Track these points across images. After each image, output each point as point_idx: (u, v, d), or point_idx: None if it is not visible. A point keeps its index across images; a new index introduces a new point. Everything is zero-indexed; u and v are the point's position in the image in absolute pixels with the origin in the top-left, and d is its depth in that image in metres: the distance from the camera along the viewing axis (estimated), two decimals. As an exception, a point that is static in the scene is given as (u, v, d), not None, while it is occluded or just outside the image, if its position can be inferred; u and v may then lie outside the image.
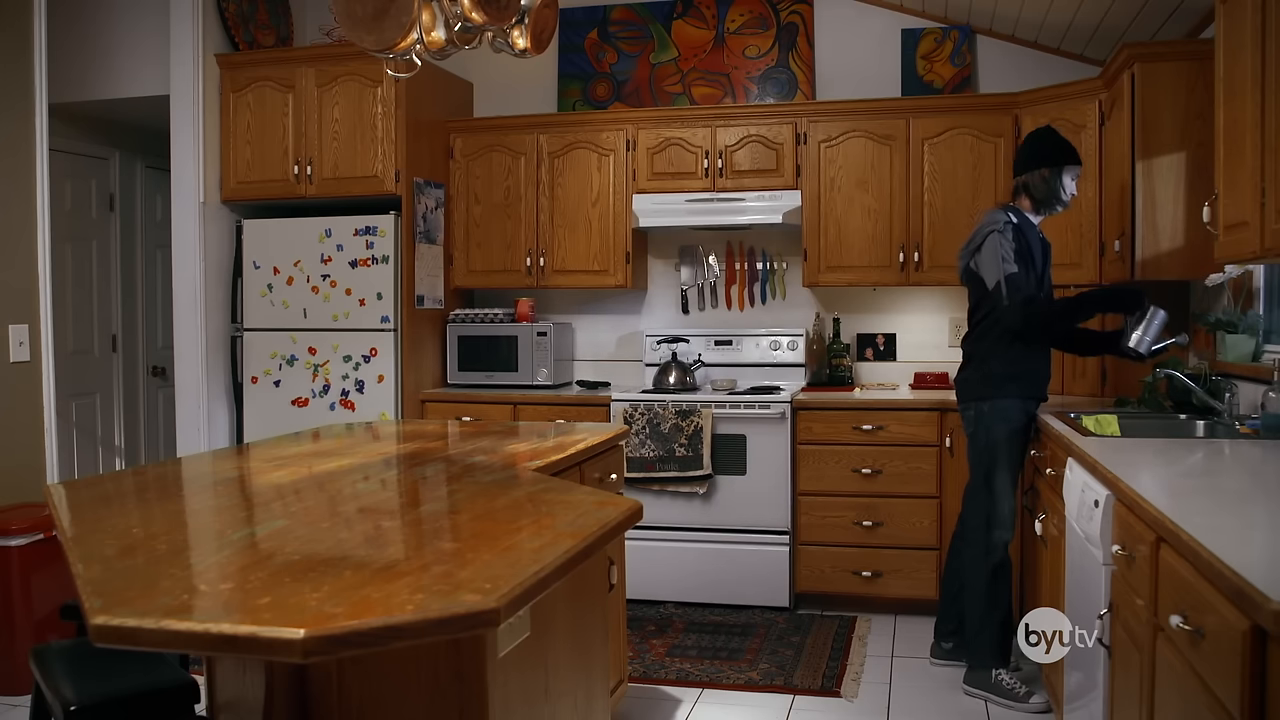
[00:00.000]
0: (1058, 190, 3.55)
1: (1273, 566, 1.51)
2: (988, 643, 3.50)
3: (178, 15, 4.82)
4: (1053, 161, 3.54)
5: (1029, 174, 3.58)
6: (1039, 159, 3.56)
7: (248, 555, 1.73)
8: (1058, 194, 3.56)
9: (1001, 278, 3.43)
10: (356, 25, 2.80)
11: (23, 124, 3.93)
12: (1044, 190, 3.56)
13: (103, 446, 5.68)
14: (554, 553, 1.64)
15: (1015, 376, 3.53)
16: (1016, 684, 3.44)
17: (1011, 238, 3.45)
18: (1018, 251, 3.44)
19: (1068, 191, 3.57)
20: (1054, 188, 3.55)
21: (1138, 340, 3.39)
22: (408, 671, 1.74)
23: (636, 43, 5.30)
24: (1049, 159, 3.55)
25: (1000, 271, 3.43)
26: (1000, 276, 3.43)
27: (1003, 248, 3.43)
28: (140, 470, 2.87)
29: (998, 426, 3.52)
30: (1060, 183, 3.55)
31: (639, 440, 4.51)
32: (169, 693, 2.04)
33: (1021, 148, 3.69)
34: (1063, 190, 3.56)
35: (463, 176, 5.15)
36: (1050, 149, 3.57)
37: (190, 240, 4.90)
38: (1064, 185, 3.55)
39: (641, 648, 4.00)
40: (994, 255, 3.45)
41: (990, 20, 4.78)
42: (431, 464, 2.71)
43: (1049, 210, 3.61)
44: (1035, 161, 3.57)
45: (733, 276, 5.17)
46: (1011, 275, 3.42)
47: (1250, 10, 2.60)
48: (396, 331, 4.81)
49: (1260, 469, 2.46)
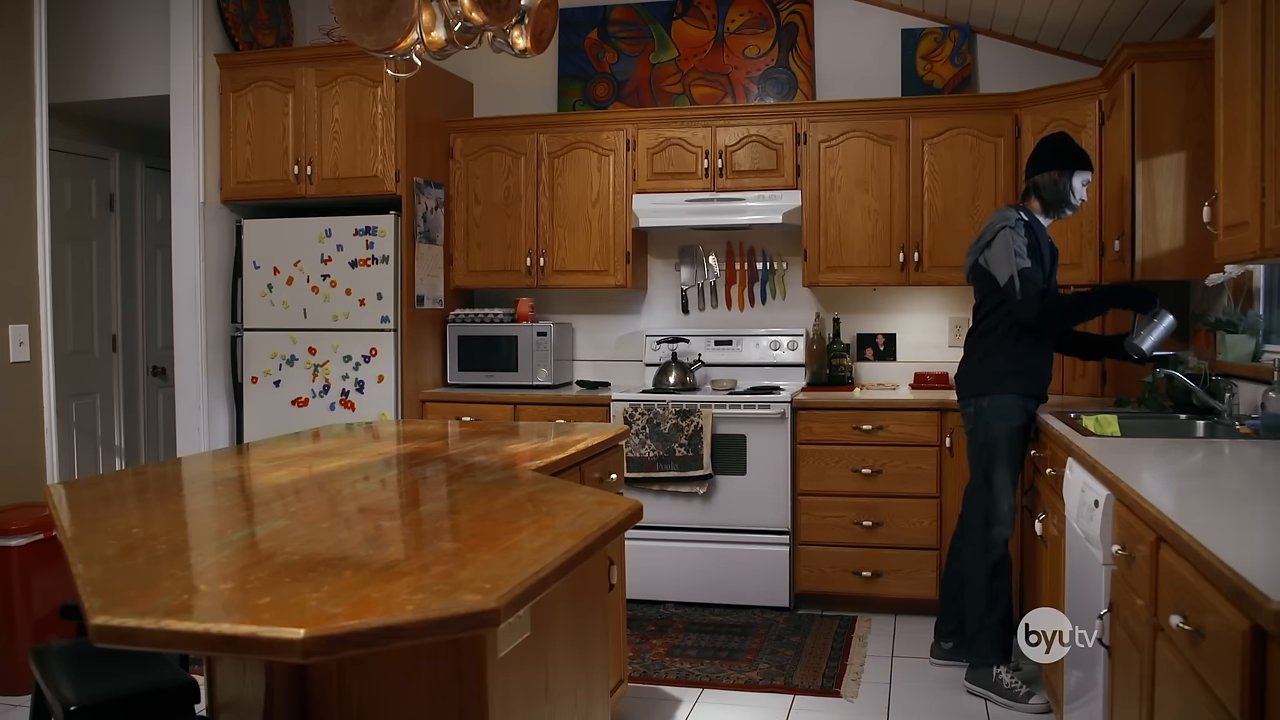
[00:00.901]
0: (1066, 193, 3.57)
1: (1273, 566, 1.51)
2: (988, 640, 3.50)
3: (178, 15, 4.82)
4: (1063, 165, 3.57)
5: (1040, 175, 3.60)
6: (1050, 161, 3.59)
7: (248, 555, 1.73)
8: (1067, 197, 3.58)
9: (1015, 272, 3.45)
10: (356, 25, 2.80)
11: (23, 124, 3.93)
12: (1053, 192, 3.58)
13: (103, 446, 5.68)
14: (554, 553, 1.64)
15: (1018, 373, 3.54)
16: (1017, 684, 3.44)
17: (1023, 234, 3.47)
18: (1029, 248, 3.46)
19: (1077, 196, 3.59)
20: (1063, 190, 3.57)
21: (1141, 339, 3.42)
22: (408, 671, 1.74)
23: (636, 43, 5.30)
24: (1060, 162, 3.58)
25: (1013, 266, 3.45)
26: (1014, 271, 3.45)
27: (1015, 243, 3.46)
28: (140, 470, 2.87)
29: (997, 424, 3.53)
30: (1070, 186, 3.57)
31: (639, 440, 4.51)
32: (169, 693, 2.04)
33: (1035, 150, 3.71)
34: (1072, 194, 3.58)
35: (463, 176, 5.15)
36: (1062, 152, 3.60)
37: (190, 240, 4.90)
38: (1073, 189, 3.58)
39: (641, 648, 4.00)
40: (1006, 250, 3.47)
41: (990, 20, 4.78)
42: (431, 464, 2.71)
43: (1058, 213, 3.63)
44: (1046, 163, 3.60)
45: (733, 276, 5.17)
46: (1025, 269, 3.44)
47: (1250, 10, 2.60)
48: (396, 331, 4.81)
49: (1260, 469, 2.46)
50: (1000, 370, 3.54)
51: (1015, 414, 3.53)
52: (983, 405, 3.56)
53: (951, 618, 3.76)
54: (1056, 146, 3.63)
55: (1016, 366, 3.54)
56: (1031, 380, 3.57)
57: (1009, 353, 3.54)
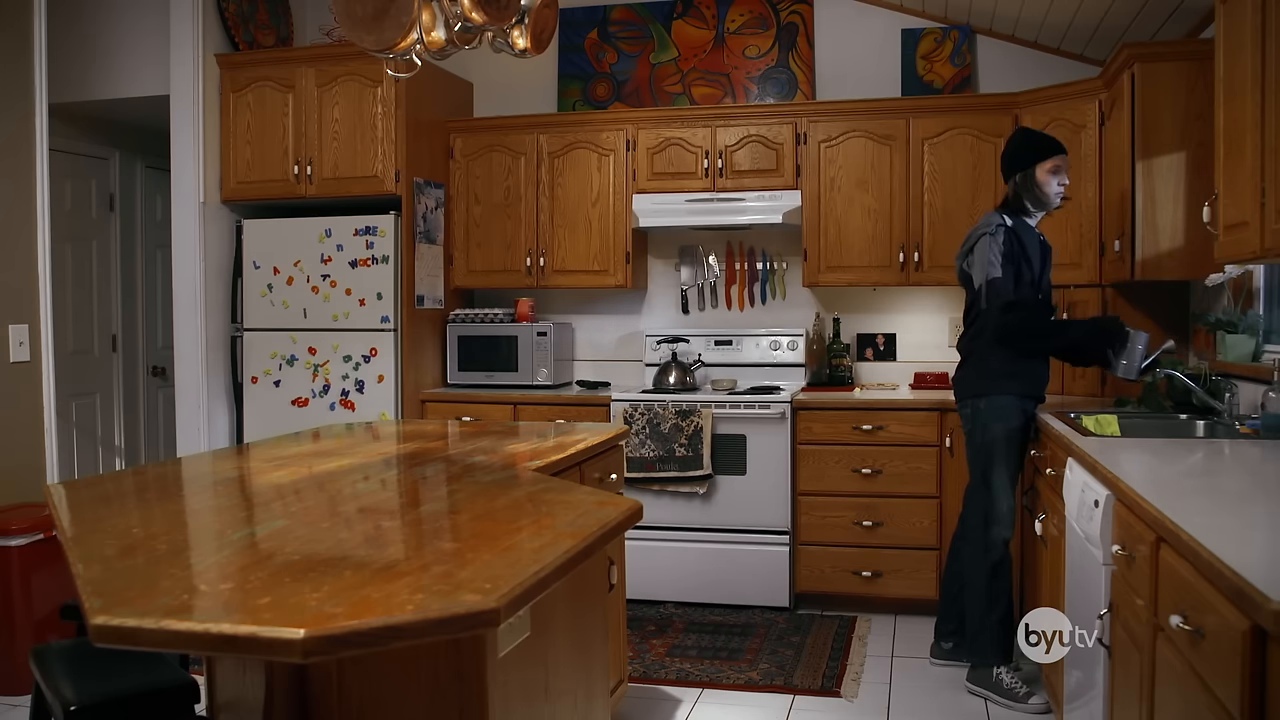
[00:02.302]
0: (1035, 189, 3.54)
1: (1273, 566, 1.51)
2: (989, 641, 3.50)
3: (178, 15, 4.82)
4: (1023, 163, 3.56)
5: (1010, 180, 3.61)
6: (1012, 164, 3.60)
7: (248, 555, 1.73)
8: (1040, 193, 3.54)
9: (984, 281, 3.47)
10: (356, 25, 2.80)
11: (23, 124, 3.93)
12: (1027, 193, 3.57)
13: (103, 446, 5.68)
14: (554, 553, 1.64)
15: (1014, 374, 3.54)
16: (1017, 684, 3.44)
17: (1002, 240, 3.46)
18: (1008, 254, 3.45)
19: (1051, 188, 3.54)
20: (1033, 187, 3.55)
21: (1125, 369, 3.42)
22: (408, 671, 1.74)
23: (636, 43, 5.30)
24: (1019, 162, 3.57)
25: (984, 275, 3.47)
26: (983, 280, 3.47)
27: (991, 250, 3.46)
28: (140, 470, 2.87)
29: (994, 424, 3.53)
30: (1035, 181, 3.53)
31: (639, 440, 4.51)
32: (169, 693, 2.04)
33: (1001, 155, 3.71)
34: (1043, 187, 3.53)
35: (463, 176, 5.15)
36: (1020, 151, 3.59)
37: (190, 240, 4.90)
38: (1042, 182, 3.53)
39: (641, 648, 4.00)
40: (983, 258, 3.49)
41: (990, 20, 4.78)
42: (431, 464, 2.71)
43: (1041, 210, 3.61)
44: (1011, 167, 3.61)
45: (733, 276, 5.17)
46: (993, 280, 3.45)
47: (1250, 10, 2.60)
48: (396, 331, 4.81)
49: (1260, 469, 2.46)
50: (995, 372, 3.54)
51: (1012, 414, 3.53)
52: (979, 406, 3.56)
53: (951, 618, 3.76)
54: (1014, 146, 3.62)
55: (1011, 368, 3.54)
56: (1028, 381, 3.57)
57: (1003, 354, 3.54)
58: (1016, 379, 3.54)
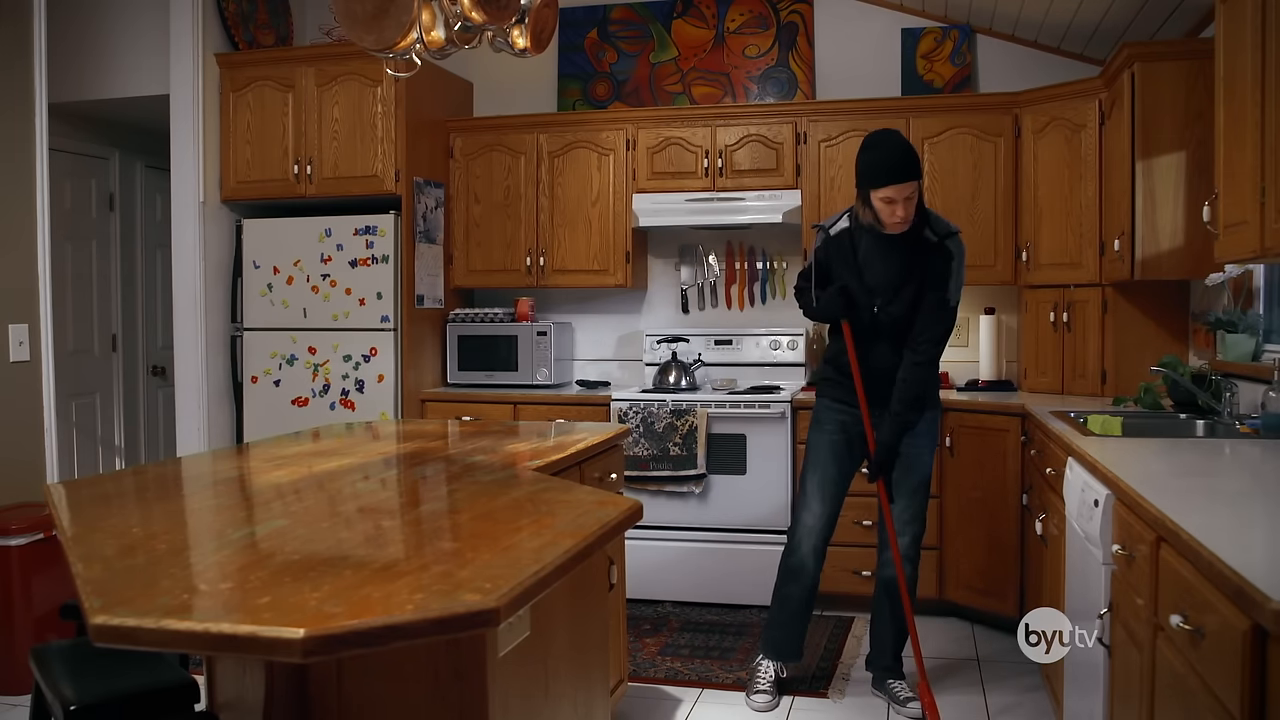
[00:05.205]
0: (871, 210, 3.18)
1: (1273, 566, 1.51)
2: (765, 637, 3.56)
3: (177, 15, 4.82)
4: (860, 184, 3.20)
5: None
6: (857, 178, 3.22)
7: (248, 555, 1.73)
8: (875, 217, 3.18)
9: None
10: (356, 25, 2.80)
11: (23, 124, 3.93)
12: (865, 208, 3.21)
13: (103, 446, 5.68)
14: (554, 552, 1.64)
15: (824, 377, 3.56)
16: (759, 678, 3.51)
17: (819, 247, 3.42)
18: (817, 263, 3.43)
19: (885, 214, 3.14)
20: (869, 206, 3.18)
21: None
22: (408, 671, 1.74)
23: (636, 42, 5.30)
24: (859, 180, 3.20)
25: None
26: None
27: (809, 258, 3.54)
28: (140, 470, 2.87)
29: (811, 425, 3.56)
30: (870, 204, 3.16)
31: (634, 439, 4.51)
32: (169, 693, 2.04)
33: None
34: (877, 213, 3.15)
35: (463, 176, 5.15)
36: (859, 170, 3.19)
37: (190, 240, 4.90)
38: (875, 208, 3.15)
39: (634, 646, 4.00)
40: None
41: (990, 20, 4.78)
42: (431, 464, 2.71)
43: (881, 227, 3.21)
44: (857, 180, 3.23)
45: (733, 276, 5.17)
46: (797, 285, 3.57)
47: (1250, 10, 2.60)
48: (396, 331, 4.81)
49: (1260, 469, 2.47)
50: (816, 372, 3.61)
51: (822, 416, 3.51)
52: None
53: None
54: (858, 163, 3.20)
55: (823, 371, 3.57)
56: (831, 384, 3.49)
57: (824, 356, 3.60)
58: (825, 381, 3.54)
